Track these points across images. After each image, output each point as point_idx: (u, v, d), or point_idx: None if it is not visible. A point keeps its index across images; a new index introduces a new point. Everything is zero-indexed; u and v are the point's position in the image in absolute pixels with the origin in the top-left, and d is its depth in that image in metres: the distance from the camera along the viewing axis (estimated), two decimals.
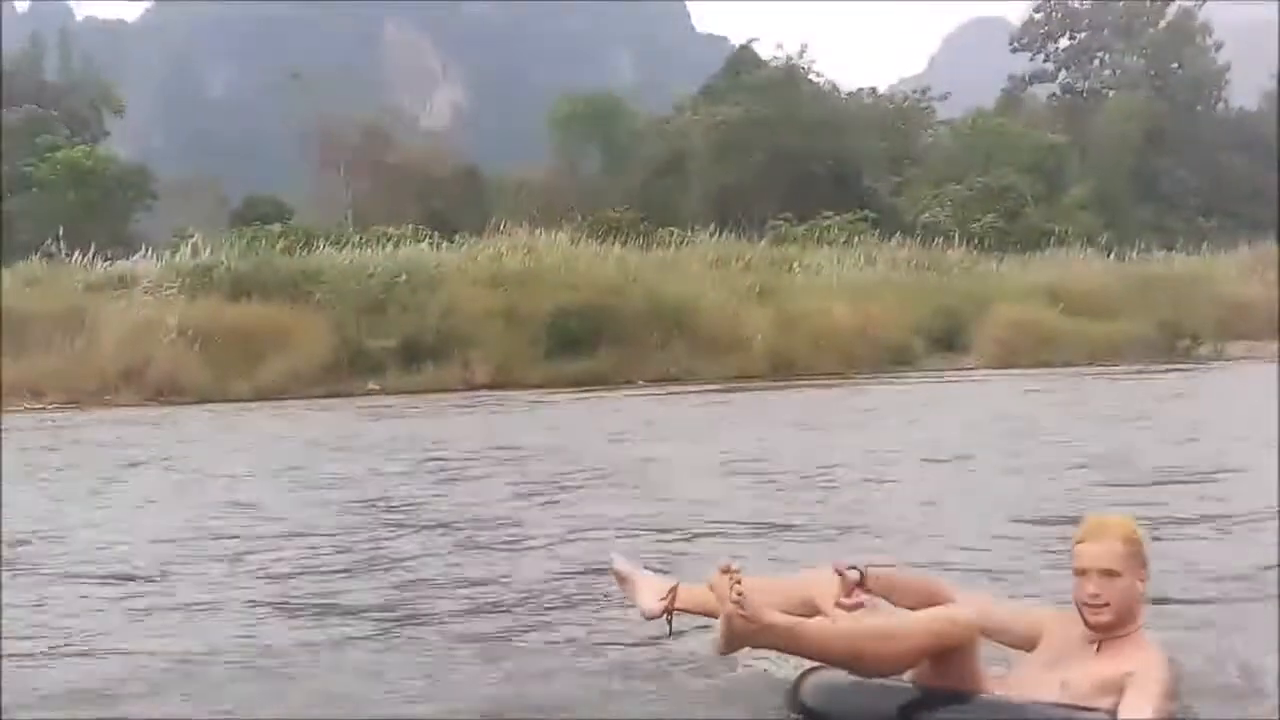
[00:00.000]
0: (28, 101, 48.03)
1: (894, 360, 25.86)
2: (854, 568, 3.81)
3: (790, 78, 48.98)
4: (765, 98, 46.70)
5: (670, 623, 4.17)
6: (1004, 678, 3.71)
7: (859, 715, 3.65)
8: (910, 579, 3.99)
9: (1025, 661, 3.75)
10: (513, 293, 25.23)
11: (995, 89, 60.79)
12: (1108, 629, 3.60)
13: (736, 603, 3.47)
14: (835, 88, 53.43)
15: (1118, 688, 3.49)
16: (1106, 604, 3.57)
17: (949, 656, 3.55)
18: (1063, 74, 59.29)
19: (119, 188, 42.95)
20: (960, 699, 3.56)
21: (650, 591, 4.24)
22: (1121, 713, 3.44)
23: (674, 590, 4.19)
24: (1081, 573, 3.61)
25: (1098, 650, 3.61)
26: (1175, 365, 24.77)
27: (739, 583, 3.49)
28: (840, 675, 3.77)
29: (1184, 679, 3.78)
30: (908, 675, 3.65)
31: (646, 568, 4.53)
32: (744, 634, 3.55)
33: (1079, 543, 3.65)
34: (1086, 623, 3.62)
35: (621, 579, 4.37)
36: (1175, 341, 27.59)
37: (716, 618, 4.08)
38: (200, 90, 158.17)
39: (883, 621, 3.68)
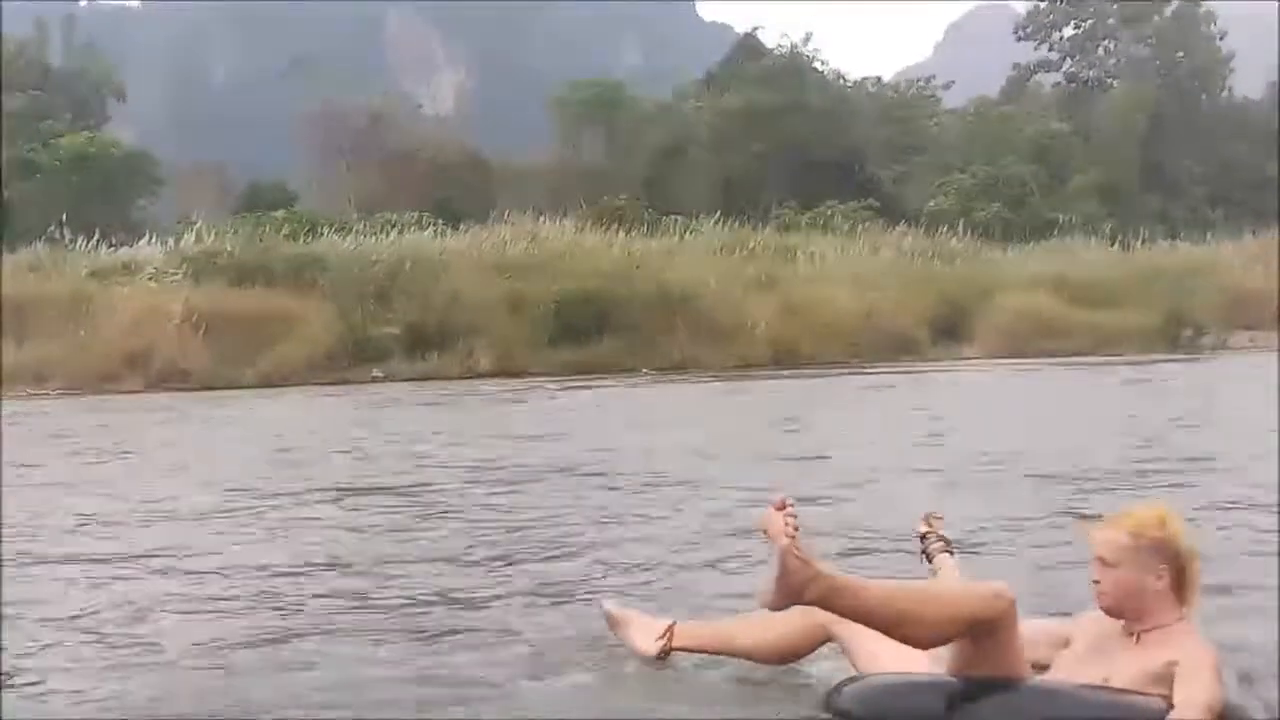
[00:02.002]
0: (31, 87, 47.97)
1: (898, 349, 25.86)
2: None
3: (794, 66, 48.89)
4: (769, 86, 46.61)
5: (667, 658, 4.07)
6: (1043, 677, 3.60)
7: (900, 715, 3.53)
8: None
9: (1062, 660, 3.65)
10: (517, 280, 25.22)
11: (1000, 78, 60.66)
12: (1112, 615, 3.55)
13: (792, 538, 3.29)
14: (839, 76, 53.35)
15: (1165, 678, 3.42)
16: (1104, 592, 3.53)
17: (989, 640, 3.43)
18: (1067, 63, 59.11)
19: (122, 173, 42.91)
20: (1006, 687, 3.45)
21: (645, 632, 4.14)
22: (1177, 697, 3.35)
23: (670, 629, 4.10)
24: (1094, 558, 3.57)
25: (1137, 642, 3.54)
26: (1178, 356, 24.80)
27: (794, 517, 3.32)
28: (879, 678, 3.67)
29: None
30: (947, 666, 3.55)
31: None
32: (797, 579, 3.32)
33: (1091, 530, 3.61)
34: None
35: (613, 622, 4.24)
36: (1179, 331, 27.59)
37: (716, 654, 4.08)
38: (204, 76, 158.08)
39: (925, 585, 3.60)
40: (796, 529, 3.32)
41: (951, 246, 33.34)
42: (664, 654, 4.07)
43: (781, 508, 3.33)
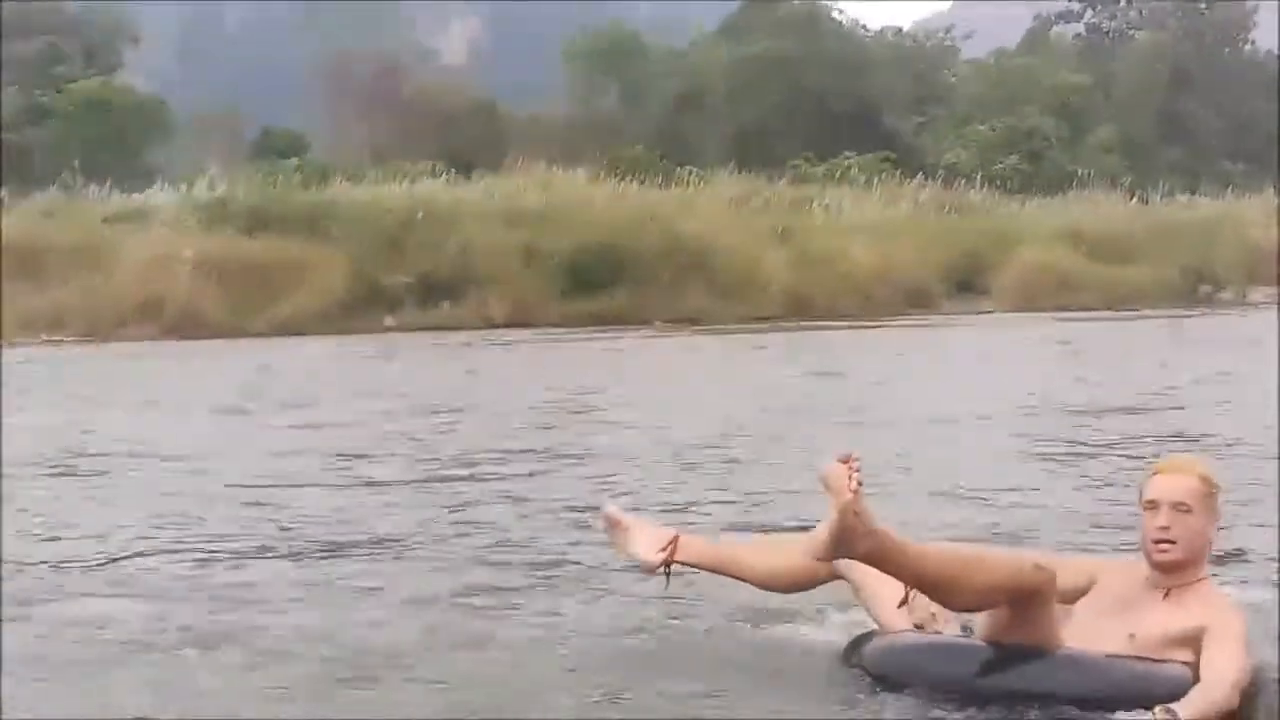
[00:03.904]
0: (45, 32, 47.73)
1: (913, 303, 25.74)
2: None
3: (812, 15, 48.45)
4: (786, 35, 46.19)
5: (669, 577, 3.90)
6: (1064, 627, 3.53)
7: (926, 677, 3.51)
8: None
9: (1083, 609, 3.57)
10: (530, 230, 25.13)
11: (1020, 28, 60.06)
12: (1172, 570, 3.44)
13: (855, 493, 3.23)
14: (858, 25, 52.89)
15: (1193, 641, 3.37)
16: (1174, 541, 3.41)
17: (1025, 611, 3.39)
18: (1088, 13, 58.50)
19: (136, 120, 42.74)
20: (1035, 656, 3.43)
21: (646, 540, 3.91)
22: (1203, 668, 3.31)
23: (674, 541, 3.88)
24: (1152, 505, 3.44)
25: (1165, 597, 3.46)
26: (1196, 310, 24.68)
27: (858, 472, 3.24)
28: (903, 636, 3.65)
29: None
30: (979, 633, 3.53)
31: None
32: (852, 535, 3.28)
33: (1154, 475, 3.49)
34: (1151, 562, 3.47)
35: (613, 524, 3.99)
36: (1197, 286, 27.42)
37: (719, 574, 3.95)
38: (218, 24, 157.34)
39: (970, 552, 3.57)
40: (860, 484, 3.24)
41: (969, 199, 33.13)
42: (665, 566, 3.89)
43: (847, 462, 3.25)
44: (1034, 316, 23.41)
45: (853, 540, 3.28)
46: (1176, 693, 3.26)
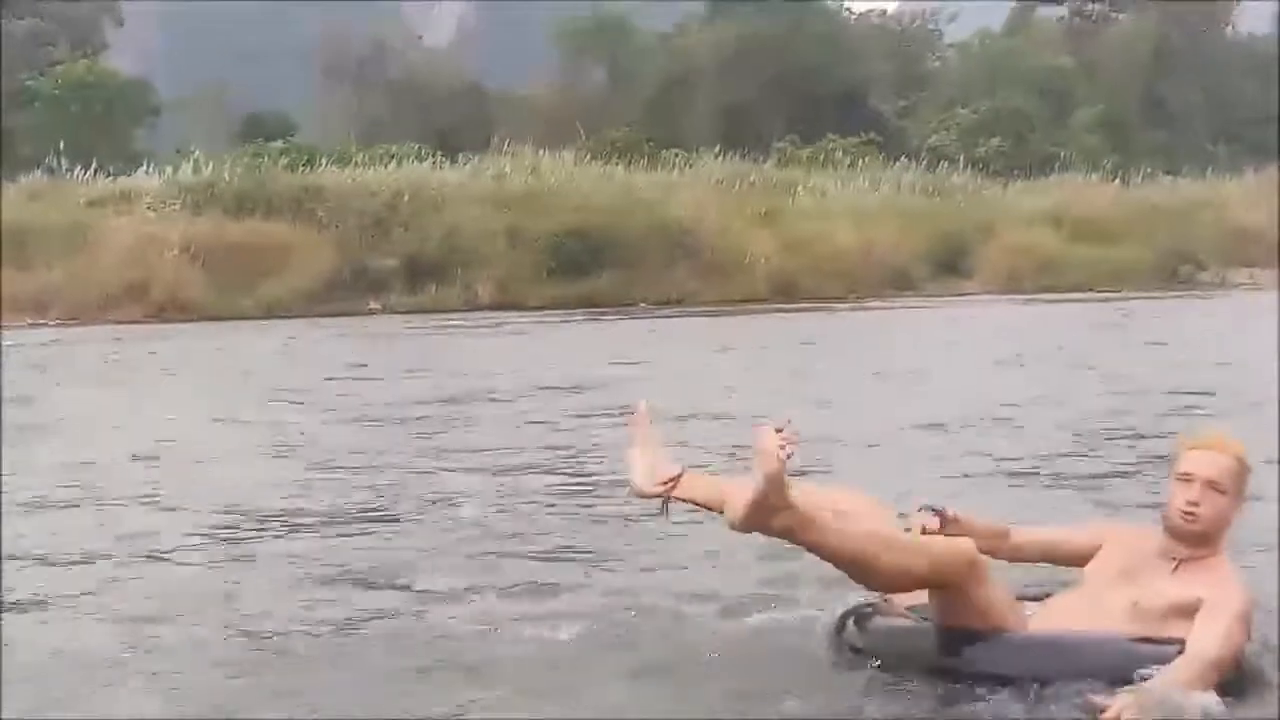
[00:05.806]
0: (31, 15, 47.49)
1: (897, 284, 25.86)
2: (936, 511, 3.61)
3: None
4: (772, 17, 46.21)
5: (666, 508, 3.78)
6: (1076, 590, 3.57)
7: (886, 658, 3.56)
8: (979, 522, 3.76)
9: (1091, 573, 3.58)
10: (516, 213, 25.17)
11: (1004, 11, 60.08)
12: (1192, 541, 3.44)
13: (782, 464, 3.19)
14: (843, 8, 52.91)
15: (1190, 612, 3.36)
16: (1200, 516, 3.41)
17: (958, 595, 3.40)
18: None
19: (121, 102, 42.58)
20: (982, 638, 3.43)
21: (649, 468, 3.78)
22: (1189, 644, 3.29)
23: (677, 479, 3.74)
24: (1187, 478, 3.44)
25: (1175, 569, 3.46)
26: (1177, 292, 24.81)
27: (789, 444, 3.20)
28: (883, 620, 3.66)
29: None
30: (933, 617, 3.51)
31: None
32: (769, 507, 3.24)
33: (1190, 449, 3.50)
34: (1174, 528, 3.45)
35: (637, 427, 3.88)
36: (1179, 268, 27.56)
37: (716, 512, 3.74)
38: (207, 8, 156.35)
39: (889, 534, 3.51)
40: (789, 455, 3.20)
41: (952, 181, 33.20)
42: (663, 500, 3.77)
43: (781, 430, 3.21)
44: (1014, 298, 23.56)
45: (769, 511, 3.25)
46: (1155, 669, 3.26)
